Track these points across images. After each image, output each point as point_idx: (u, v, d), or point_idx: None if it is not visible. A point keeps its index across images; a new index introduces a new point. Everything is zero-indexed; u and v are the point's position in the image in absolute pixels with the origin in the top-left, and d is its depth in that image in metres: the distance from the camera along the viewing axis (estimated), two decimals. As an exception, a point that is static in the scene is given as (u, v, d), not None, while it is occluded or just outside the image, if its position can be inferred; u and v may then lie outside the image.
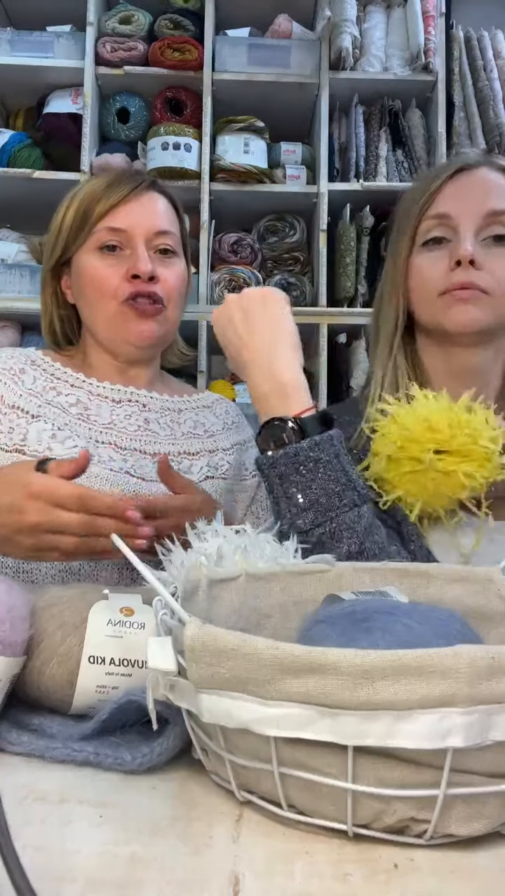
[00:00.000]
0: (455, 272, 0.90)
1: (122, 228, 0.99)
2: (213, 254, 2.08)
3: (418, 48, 2.01)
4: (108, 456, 0.97)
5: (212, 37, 2.06)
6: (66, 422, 0.98)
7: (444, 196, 0.94)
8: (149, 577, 0.43)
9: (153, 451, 1.00)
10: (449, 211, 0.92)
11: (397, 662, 0.35)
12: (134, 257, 0.98)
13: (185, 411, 1.09)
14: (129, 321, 0.98)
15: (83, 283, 1.01)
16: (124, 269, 0.98)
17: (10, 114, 2.29)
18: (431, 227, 0.94)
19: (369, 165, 2.06)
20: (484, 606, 0.59)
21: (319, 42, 2.06)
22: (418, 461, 0.78)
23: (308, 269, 2.14)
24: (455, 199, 0.93)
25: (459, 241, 0.90)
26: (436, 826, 0.38)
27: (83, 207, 1.01)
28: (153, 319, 0.99)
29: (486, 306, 0.90)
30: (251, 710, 0.38)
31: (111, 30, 2.07)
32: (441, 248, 0.93)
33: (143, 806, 0.43)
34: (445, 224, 0.93)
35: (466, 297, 0.89)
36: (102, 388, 1.03)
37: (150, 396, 1.05)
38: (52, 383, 1.02)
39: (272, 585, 0.60)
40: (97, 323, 1.01)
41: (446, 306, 0.91)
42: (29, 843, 0.38)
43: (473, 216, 0.91)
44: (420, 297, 0.95)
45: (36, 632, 0.53)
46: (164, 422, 1.04)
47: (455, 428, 0.77)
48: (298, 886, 0.35)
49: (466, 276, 0.89)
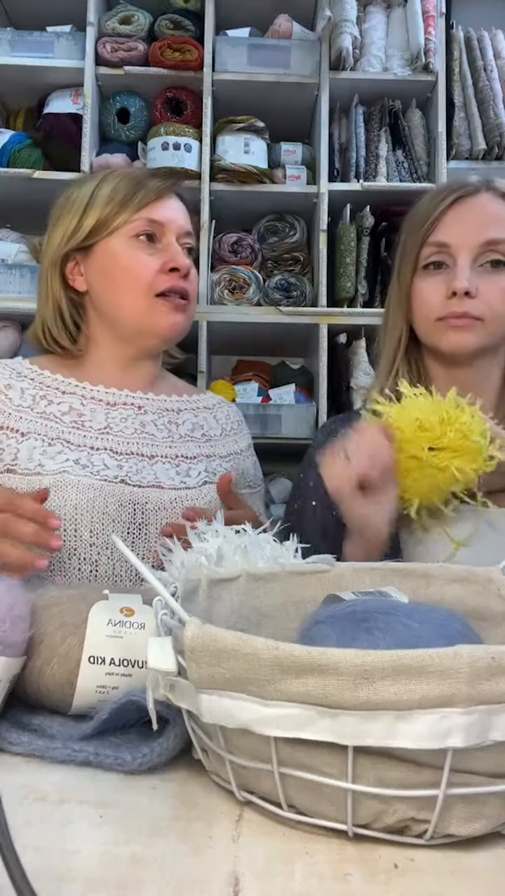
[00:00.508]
0: (451, 301, 0.96)
1: (162, 222, 1.00)
2: (214, 254, 2.08)
3: (418, 48, 2.01)
4: (103, 463, 0.96)
5: (212, 37, 2.06)
6: (60, 432, 0.97)
7: (444, 224, 0.99)
8: (149, 577, 0.43)
9: (151, 453, 0.99)
10: (448, 240, 0.98)
11: (397, 662, 0.35)
12: (171, 251, 1.00)
13: (185, 412, 1.08)
14: (160, 313, 0.99)
15: (114, 270, 1.00)
16: (160, 262, 0.99)
17: (10, 114, 2.29)
18: (431, 253, 1.00)
19: (369, 165, 2.05)
20: (484, 606, 0.59)
21: (319, 42, 2.06)
22: (416, 459, 0.81)
23: (308, 270, 2.14)
24: (454, 228, 0.98)
25: (455, 271, 0.96)
26: (436, 826, 0.38)
27: (120, 195, 1.00)
28: (182, 313, 1.01)
29: (480, 331, 0.96)
30: (251, 710, 0.38)
31: (111, 30, 2.07)
32: (441, 273, 0.99)
33: (143, 806, 0.43)
34: (444, 251, 0.99)
35: (461, 325, 0.96)
36: (96, 391, 1.02)
37: (147, 398, 1.04)
38: (43, 392, 1.00)
39: (272, 585, 0.60)
40: (122, 310, 1.00)
41: (442, 331, 0.98)
42: (29, 843, 0.38)
43: (470, 246, 0.97)
44: (420, 319, 1.01)
45: (36, 632, 0.53)
46: (162, 423, 1.04)
47: (446, 425, 0.81)
48: (298, 886, 0.35)
49: (461, 307, 0.95)
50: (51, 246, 1.04)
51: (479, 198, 1.00)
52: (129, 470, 0.96)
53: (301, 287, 2.06)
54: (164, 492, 0.96)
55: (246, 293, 2.03)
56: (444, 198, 1.01)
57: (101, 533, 0.91)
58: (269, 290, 2.05)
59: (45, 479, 0.91)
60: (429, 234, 1.00)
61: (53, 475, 0.92)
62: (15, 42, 2.09)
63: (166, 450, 1.01)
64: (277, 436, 1.96)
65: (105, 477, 0.94)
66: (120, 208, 1.00)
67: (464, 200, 1.00)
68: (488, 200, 1.00)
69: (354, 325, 2.02)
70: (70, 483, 0.91)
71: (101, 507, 0.91)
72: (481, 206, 0.99)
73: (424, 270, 1.01)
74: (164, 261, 0.99)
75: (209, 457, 1.05)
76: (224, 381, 2.10)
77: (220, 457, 1.06)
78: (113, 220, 0.99)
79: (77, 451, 0.95)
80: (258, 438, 1.93)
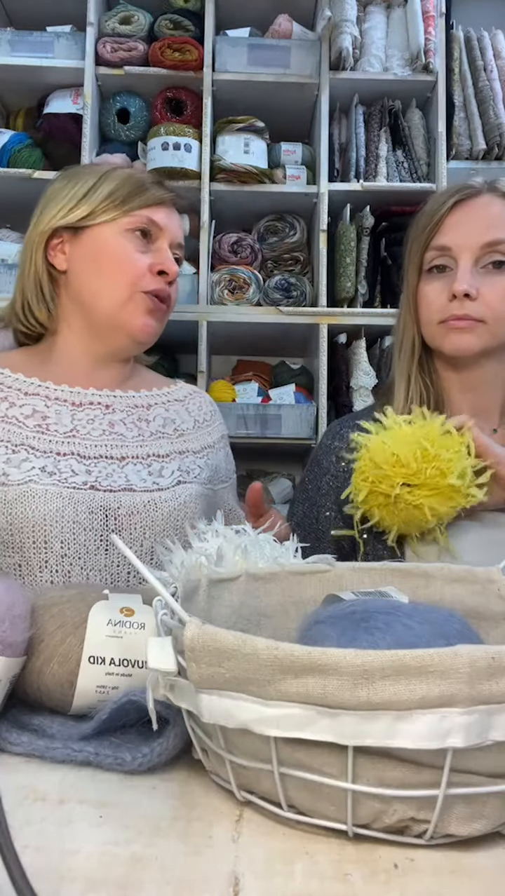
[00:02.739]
0: (452, 304, 0.96)
1: (161, 225, 1.01)
2: (214, 254, 2.08)
3: (418, 48, 2.01)
4: (71, 470, 0.92)
5: (212, 37, 2.06)
6: (23, 438, 0.92)
7: (445, 227, 1.00)
8: (149, 577, 0.43)
9: (120, 455, 0.96)
10: (449, 243, 0.98)
11: (397, 662, 0.35)
12: (163, 255, 1.00)
13: (155, 406, 1.05)
14: (137, 310, 0.98)
15: (101, 256, 0.98)
16: (151, 262, 0.98)
17: (10, 114, 2.29)
18: (434, 256, 1.00)
19: (369, 165, 2.05)
20: (484, 606, 0.59)
21: (319, 42, 2.06)
22: (387, 496, 0.84)
23: (308, 270, 2.14)
24: (455, 230, 0.99)
25: (457, 274, 0.97)
26: (436, 826, 0.38)
27: (127, 188, 1.00)
28: (157, 318, 1.00)
29: (482, 333, 0.97)
30: (251, 710, 0.38)
31: (111, 30, 2.07)
32: (444, 276, 0.99)
33: (144, 806, 0.43)
34: (446, 255, 0.99)
35: (462, 327, 0.96)
36: (60, 391, 0.98)
37: (114, 396, 1.01)
38: (3, 393, 0.96)
39: (272, 585, 0.60)
40: (100, 298, 0.98)
41: (444, 334, 0.98)
42: (29, 843, 0.38)
43: (471, 248, 0.97)
44: (424, 322, 1.02)
45: (36, 632, 0.53)
46: (131, 422, 1.00)
47: (423, 462, 0.82)
48: (298, 886, 0.35)
49: (462, 309, 0.96)
50: (43, 217, 1.02)
51: (480, 199, 1.00)
52: (98, 474, 0.93)
53: (301, 287, 2.06)
54: (136, 495, 0.93)
55: (246, 293, 2.03)
56: (445, 201, 1.01)
57: (73, 543, 0.88)
58: (269, 290, 2.05)
59: (11, 489, 0.87)
60: (431, 238, 1.01)
61: (18, 486, 0.88)
62: (15, 42, 2.09)
63: (137, 449, 0.98)
64: (277, 436, 1.96)
65: (73, 484, 0.90)
66: (122, 201, 0.99)
67: (465, 203, 1.00)
68: (490, 201, 1.00)
69: (354, 325, 2.02)
70: (37, 493, 0.87)
71: (71, 516, 0.88)
72: (482, 208, 1.00)
73: (428, 274, 1.01)
74: (155, 262, 0.98)
75: (182, 453, 1.02)
76: (224, 381, 2.10)
77: (193, 452, 1.03)
78: (112, 210, 0.99)
79: (43, 457, 0.92)
80: (258, 438, 1.94)
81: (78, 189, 1.01)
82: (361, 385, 1.97)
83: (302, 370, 2.15)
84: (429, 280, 1.01)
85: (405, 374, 1.05)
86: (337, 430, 1.10)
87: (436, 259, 1.00)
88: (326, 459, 1.08)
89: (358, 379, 1.99)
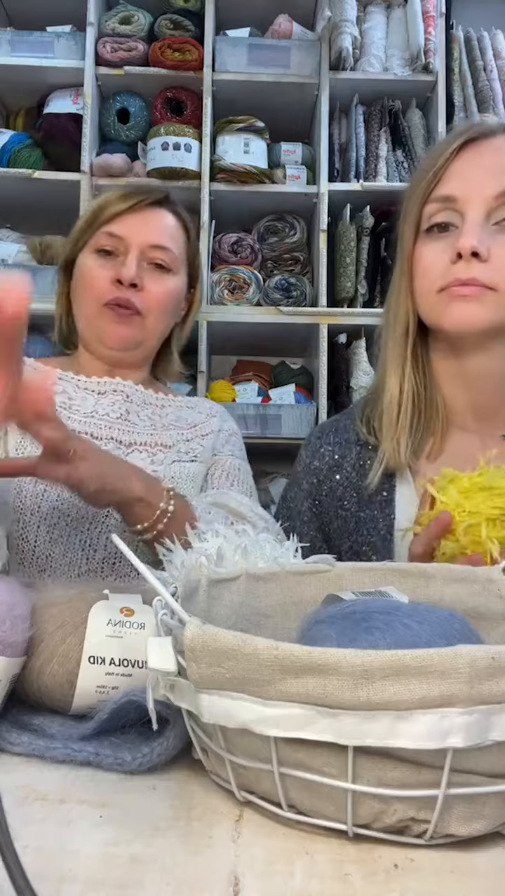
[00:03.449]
0: (456, 266, 0.79)
1: (120, 236, 1.02)
2: (214, 254, 2.08)
3: (418, 48, 2.01)
4: None
5: (212, 37, 2.06)
6: None
7: (451, 174, 0.81)
8: (149, 577, 0.43)
9: (129, 440, 0.99)
10: (455, 192, 0.81)
11: (397, 662, 0.35)
12: (122, 264, 1.01)
13: (168, 408, 1.09)
14: (106, 324, 1.01)
15: (77, 281, 1.05)
16: (112, 274, 1.01)
17: (10, 114, 2.29)
18: (436, 210, 0.82)
19: (369, 166, 2.06)
20: (484, 606, 0.59)
21: (319, 42, 2.06)
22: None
23: (308, 270, 2.14)
24: (463, 178, 0.81)
25: (463, 229, 0.79)
26: (436, 826, 0.38)
27: (93, 211, 1.05)
28: (128, 325, 1.02)
29: (490, 303, 0.79)
30: (251, 710, 0.38)
31: (111, 30, 2.07)
32: (447, 236, 0.81)
33: (144, 806, 0.43)
34: (450, 208, 0.81)
35: (467, 294, 0.78)
36: (88, 381, 1.04)
37: (136, 389, 1.05)
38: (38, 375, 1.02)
39: (272, 585, 0.60)
40: (80, 320, 1.05)
41: (445, 304, 0.80)
42: (29, 843, 0.38)
43: (482, 198, 0.79)
44: (420, 293, 0.84)
45: (36, 632, 0.53)
46: (145, 414, 1.04)
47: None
48: (298, 886, 0.35)
49: (467, 271, 0.78)
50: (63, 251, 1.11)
51: (493, 141, 0.82)
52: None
53: (301, 287, 2.06)
54: None
55: (246, 293, 2.03)
56: (450, 141, 0.83)
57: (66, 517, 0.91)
58: (269, 290, 2.05)
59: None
60: (433, 188, 0.82)
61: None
62: (15, 42, 2.09)
63: (147, 437, 1.01)
64: (277, 436, 1.96)
65: None
66: (88, 225, 1.05)
67: (475, 145, 0.82)
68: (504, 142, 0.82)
69: (354, 325, 2.02)
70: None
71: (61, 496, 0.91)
72: (496, 152, 0.82)
73: (428, 234, 0.83)
74: (113, 273, 1.01)
75: (188, 440, 1.05)
76: (224, 381, 2.10)
77: (200, 436, 1.07)
78: (81, 237, 1.05)
79: None
80: (258, 438, 1.94)
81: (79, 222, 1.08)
82: (361, 385, 1.97)
83: (302, 370, 2.15)
84: (428, 241, 0.83)
85: (398, 362, 0.88)
86: (317, 448, 0.98)
87: (438, 214, 0.82)
88: (306, 481, 0.97)
89: (358, 379, 1.99)
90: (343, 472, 0.93)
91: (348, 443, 0.95)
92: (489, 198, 0.80)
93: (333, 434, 0.97)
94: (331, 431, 0.98)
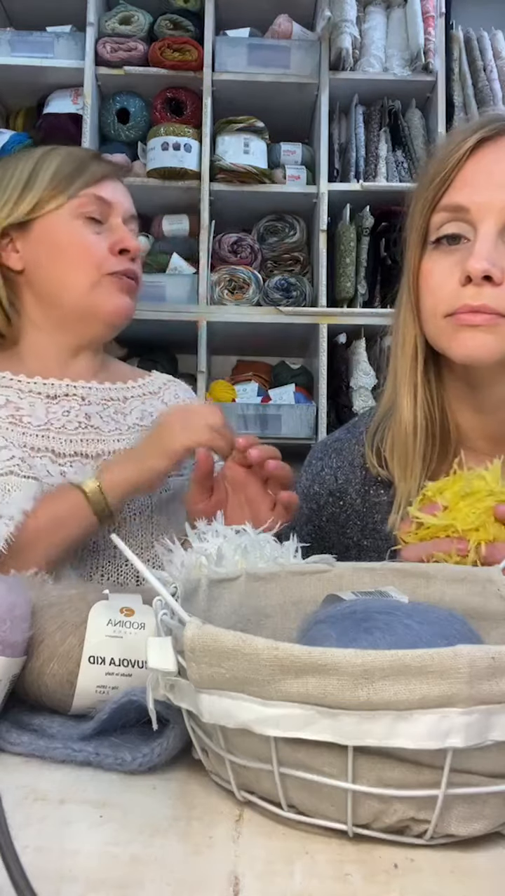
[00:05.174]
0: (465, 290, 0.70)
1: (110, 201, 0.96)
2: (213, 254, 2.08)
3: (418, 48, 2.01)
4: (46, 470, 0.89)
5: (212, 37, 2.06)
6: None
7: (462, 179, 0.72)
8: (149, 577, 0.43)
9: (95, 451, 0.93)
10: (466, 203, 0.72)
11: (397, 662, 0.35)
12: (120, 232, 0.95)
13: (131, 399, 1.01)
14: (110, 293, 0.94)
15: (58, 248, 0.94)
16: (109, 242, 0.94)
17: (10, 114, 2.29)
18: (444, 220, 0.74)
19: (369, 166, 2.06)
20: (484, 606, 0.59)
21: (319, 42, 2.06)
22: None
23: (308, 270, 2.14)
24: (476, 185, 0.72)
25: (474, 247, 0.70)
26: (436, 826, 0.38)
27: (67, 170, 0.95)
28: (130, 296, 0.97)
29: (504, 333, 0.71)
30: (251, 710, 0.38)
31: (111, 30, 2.07)
32: (457, 251, 0.73)
33: (144, 806, 0.43)
34: (461, 219, 0.73)
35: (478, 323, 0.70)
36: (34, 384, 0.94)
37: (90, 387, 0.97)
38: None
39: (272, 585, 0.60)
40: (66, 290, 0.94)
41: (453, 331, 0.72)
42: (29, 843, 0.38)
43: (496, 209, 0.70)
44: (426, 314, 0.76)
45: (36, 632, 0.53)
46: (108, 415, 0.97)
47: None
48: (298, 886, 0.35)
49: (478, 297, 0.69)
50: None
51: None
52: (71, 477, 0.88)
53: (301, 287, 2.06)
54: None
55: (246, 293, 2.03)
56: (463, 140, 0.73)
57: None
58: (268, 290, 2.05)
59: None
60: (441, 195, 0.74)
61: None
62: (15, 42, 2.09)
63: (114, 444, 0.94)
64: (277, 436, 1.96)
65: (48, 485, 0.87)
66: (65, 185, 0.94)
67: (491, 144, 0.73)
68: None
69: (353, 325, 2.02)
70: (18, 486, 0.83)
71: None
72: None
73: (435, 247, 0.75)
74: (114, 241, 0.94)
75: None
76: (224, 381, 2.10)
77: None
78: (57, 196, 0.94)
79: (20, 450, 0.89)
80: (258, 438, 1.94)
81: (16, 181, 0.95)
82: (361, 385, 1.97)
83: (302, 370, 2.15)
84: (435, 255, 0.74)
85: (409, 389, 0.79)
86: (318, 471, 0.91)
87: (447, 224, 0.73)
88: (306, 506, 0.90)
89: (358, 379, 1.99)
90: (347, 499, 0.88)
91: (353, 466, 0.88)
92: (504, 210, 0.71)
93: (336, 456, 0.90)
94: (333, 452, 0.91)
